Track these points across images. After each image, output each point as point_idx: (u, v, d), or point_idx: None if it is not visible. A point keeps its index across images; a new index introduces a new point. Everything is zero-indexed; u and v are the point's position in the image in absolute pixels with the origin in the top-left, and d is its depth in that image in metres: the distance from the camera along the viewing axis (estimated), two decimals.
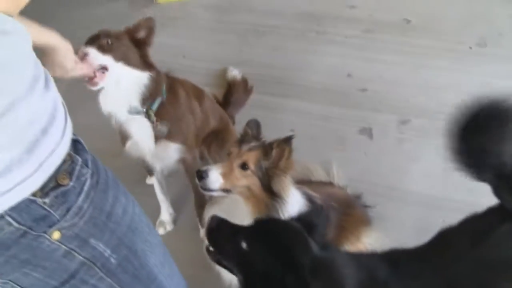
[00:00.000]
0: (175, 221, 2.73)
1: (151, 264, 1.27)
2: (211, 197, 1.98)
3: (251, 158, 1.77)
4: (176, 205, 2.78)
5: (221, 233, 1.51)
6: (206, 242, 1.57)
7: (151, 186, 2.72)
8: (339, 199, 2.23)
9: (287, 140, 1.77)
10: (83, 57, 1.97)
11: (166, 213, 2.70)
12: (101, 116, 2.25)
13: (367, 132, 3.07)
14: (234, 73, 3.44)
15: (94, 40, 2.07)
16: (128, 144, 2.34)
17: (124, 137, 2.34)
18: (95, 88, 2.07)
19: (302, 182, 2.18)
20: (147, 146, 2.30)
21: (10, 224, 0.93)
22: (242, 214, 1.80)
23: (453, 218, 2.52)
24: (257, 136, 1.92)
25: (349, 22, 3.99)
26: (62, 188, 0.99)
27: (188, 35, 4.10)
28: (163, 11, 4.43)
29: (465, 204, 2.57)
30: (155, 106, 2.21)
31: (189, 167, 2.48)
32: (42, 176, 0.95)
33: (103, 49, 2.04)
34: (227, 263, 1.52)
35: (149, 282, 1.28)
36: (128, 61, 2.11)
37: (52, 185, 0.98)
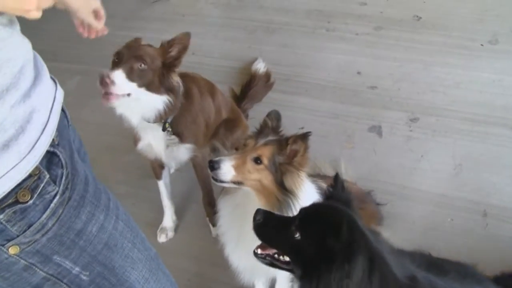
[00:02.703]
0: (176, 229, 2.70)
1: (132, 280, 1.24)
2: (223, 189, 1.97)
3: (266, 152, 1.76)
4: (183, 202, 2.80)
5: (271, 227, 1.51)
6: (256, 248, 1.57)
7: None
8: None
9: (304, 137, 1.76)
10: (108, 84, 1.92)
11: (169, 220, 2.68)
12: (109, 113, 2.26)
13: (377, 129, 3.06)
14: (259, 65, 3.43)
15: (129, 59, 2.02)
16: (140, 145, 2.35)
17: (136, 137, 2.35)
18: (107, 106, 2.03)
19: (317, 176, 2.18)
20: (158, 149, 2.32)
21: None
22: (254, 207, 1.78)
23: (461, 217, 2.53)
24: (276, 129, 1.90)
25: (359, 19, 3.97)
26: (21, 205, 0.95)
27: (198, 32, 4.09)
28: (173, 7, 4.44)
29: (473, 203, 2.58)
30: (170, 119, 2.22)
31: (198, 165, 2.49)
32: None
33: (132, 74, 2.00)
34: (282, 253, 1.52)
35: None
36: (150, 87, 2.09)
37: (10, 201, 0.93)
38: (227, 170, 1.75)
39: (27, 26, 0.96)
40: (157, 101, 2.13)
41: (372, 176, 2.73)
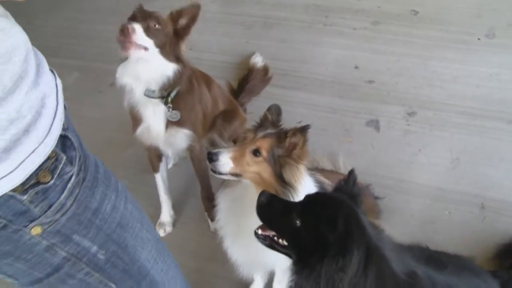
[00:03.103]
0: (174, 223, 2.70)
1: (143, 259, 1.28)
2: (222, 182, 1.98)
3: (264, 145, 1.76)
4: (181, 197, 2.81)
5: (273, 210, 1.53)
6: (256, 228, 1.59)
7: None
8: None
9: (303, 130, 1.76)
10: (129, 32, 1.97)
11: (167, 215, 2.68)
12: (108, 109, 2.26)
13: (374, 124, 3.07)
14: (256, 59, 3.44)
15: (144, 19, 2.08)
16: (140, 129, 2.33)
17: (136, 121, 2.34)
18: (126, 55, 2.05)
19: (316, 170, 2.19)
20: (158, 130, 2.30)
21: None
22: (253, 200, 1.78)
23: (459, 210, 2.55)
24: (276, 123, 1.90)
25: (357, 14, 3.98)
26: (42, 186, 0.98)
27: (196, 27, 4.09)
28: (171, 3, 4.40)
29: (470, 196, 2.59)
30: (173, 94, 2.22)
31: (196, 157, 2.50)
32: (21, 174, 0.93)
33: (149, 32, 2.05)
34: (281, 237, 1.54)
35: (140, 277, 1.28)
36: (164, 50, 2.13)
37: (32, 182, 0.96)
38: (225, 162, 1.75)
39: (26, 22, 0.97)
40: (168, 67, 2.16)
41: (370, 170, 2.74)
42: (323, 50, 3.68)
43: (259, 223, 1.67)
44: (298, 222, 1.44)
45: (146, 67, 2.12)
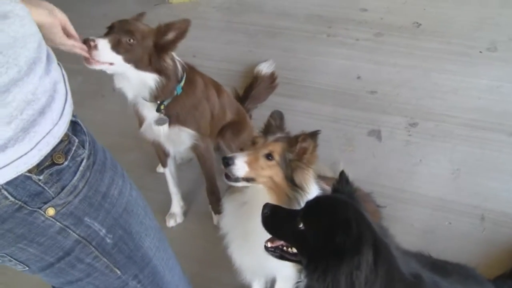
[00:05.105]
0: (185, 214, 2.76)
1: (146, 247, 1.29)
2: (228, 187, 1.99)
3: (277, 149, 1.79)
4: (185, 203, 2.80)
5: (277, 219, 1.56)
6: (266, 242, 1.61)
7: (161, 180, 2.75)
8: None
9: (313, 135, 1.80)
10: (91, 47, 1.93)
11: (177, 206, 2.73)
12: (110, 113, 2.28)
13: (376, 134, 3.09)
14: (261, 67, 3.47)
15: (118, 32, 2.04)
16: (143, 126, 2.36)
17: (139, 118, 2.37)
18: (90, 67, 2.01)
19: (319, 177, 2.21)
20: (160, 128, 2.32)
21: (6, 197, 0.96)
22: (262, 204, 1.81)
23: (459, 221, 2.56)
24: (280, 127, 1.94)
25: (360, 25, 4.01)
26: (57, 167, 1.01)
27: (199, 35, 4.13)
28: (174, 10, 4.47)
29: (471, 207, 2.60)
30: (167, 102, 2.23)
31: (201, 155, 2.52)
32: (37, 154, 0.96)
33: (119, 47, 2.01)
34: (289, 245, 1.56)
35: (143, 264, 1.30)
36: (138, 65, 2.09)
37: (47, 163, 1.00)
38: (241, 166, 1.77)
39: None
40: (148, 78, 2.14)
41: (371, 179, 2.75)
42: (325, 60, 3.71)
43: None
44: (301, 225, 1.46)
45: (125, 78, 2.14)
